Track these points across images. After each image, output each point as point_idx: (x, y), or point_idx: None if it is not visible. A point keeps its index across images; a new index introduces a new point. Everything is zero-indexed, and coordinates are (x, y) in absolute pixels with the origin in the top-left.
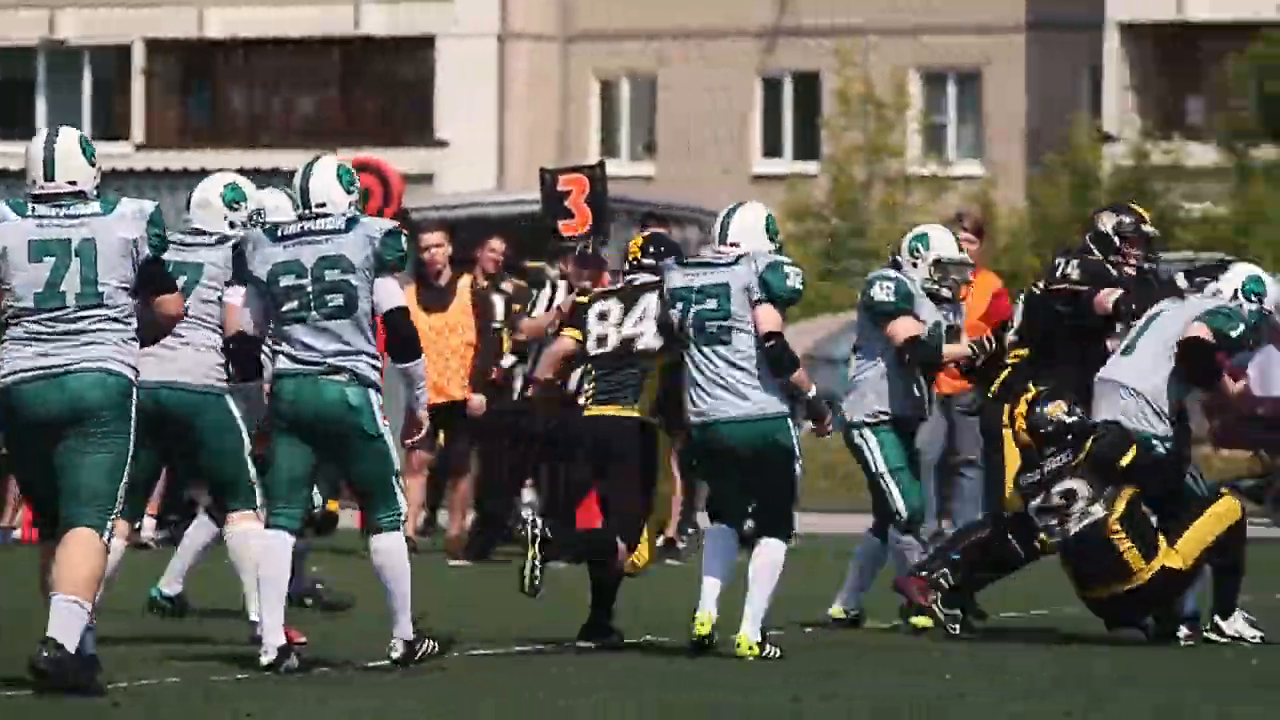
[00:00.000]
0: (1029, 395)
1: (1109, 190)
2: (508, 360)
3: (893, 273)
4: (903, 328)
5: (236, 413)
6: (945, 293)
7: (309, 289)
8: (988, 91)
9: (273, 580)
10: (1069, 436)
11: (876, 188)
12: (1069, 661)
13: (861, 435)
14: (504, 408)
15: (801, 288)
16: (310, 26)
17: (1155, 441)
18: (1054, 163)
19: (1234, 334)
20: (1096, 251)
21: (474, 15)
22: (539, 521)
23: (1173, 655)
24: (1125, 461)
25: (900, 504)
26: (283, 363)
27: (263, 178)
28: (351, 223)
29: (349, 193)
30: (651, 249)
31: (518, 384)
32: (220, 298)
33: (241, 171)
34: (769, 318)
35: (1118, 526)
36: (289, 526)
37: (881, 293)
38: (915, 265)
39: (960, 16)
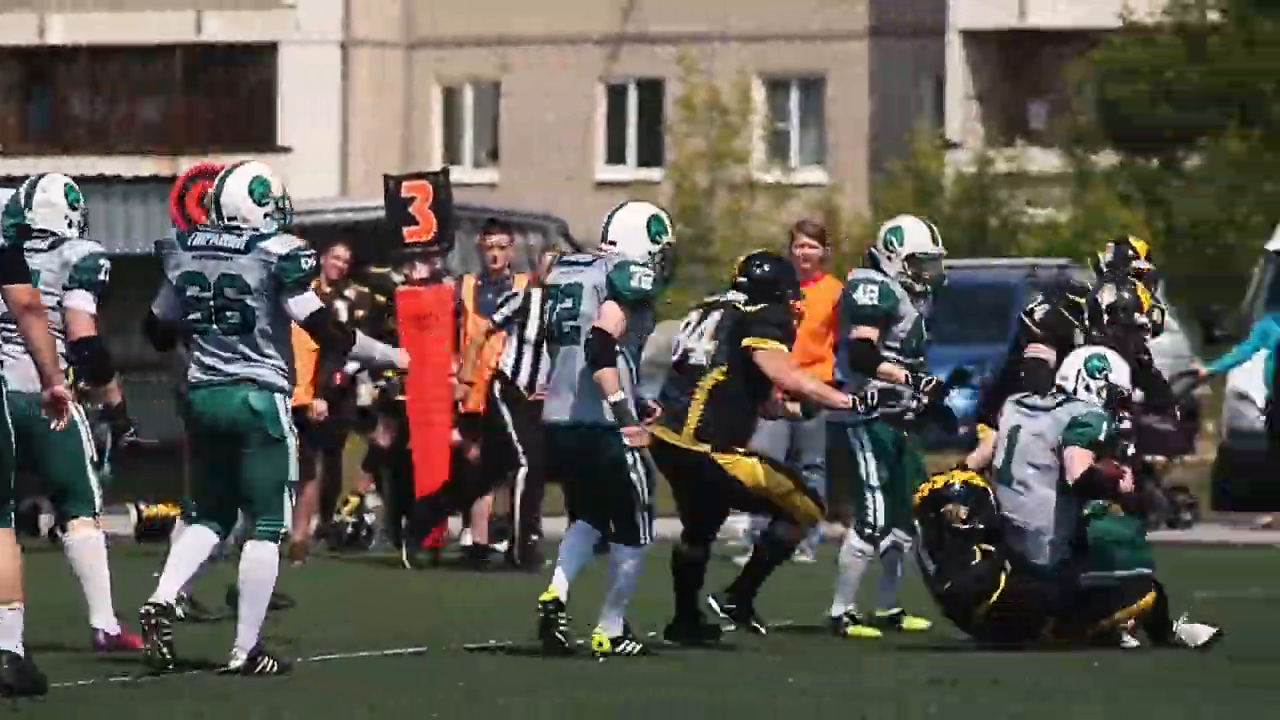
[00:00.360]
0: (951, 474)
1: (952, 198)
2: (351, 366)
3: (878, 276)
4: (862, 331)
5: (79, 418)
6: (918, 287)
7: (211, 303)
8: (831, 98)
9: (183, 558)
10: (946, 542)
11: (720, 194)
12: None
13: (857, 436)
14: (346, 415)
15: (648, 288)
16: (152, 33)
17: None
18: (897, 169)
19: (1104, 436)
20: (1087, 315)
21: (316, 22)
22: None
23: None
24: (981, 610)
25: (880, 518)
26: (194, 373)
27: (104, 185)
28: (252, 243)
29: (260, 204)
30: (759, 267)
31: (361, 389)
32: (59, 303)
33: (84, 179)
34: (604, 313)
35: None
36: (216, 530)
37: (865, 296)
38: (890, 259)
39: (803, 23)
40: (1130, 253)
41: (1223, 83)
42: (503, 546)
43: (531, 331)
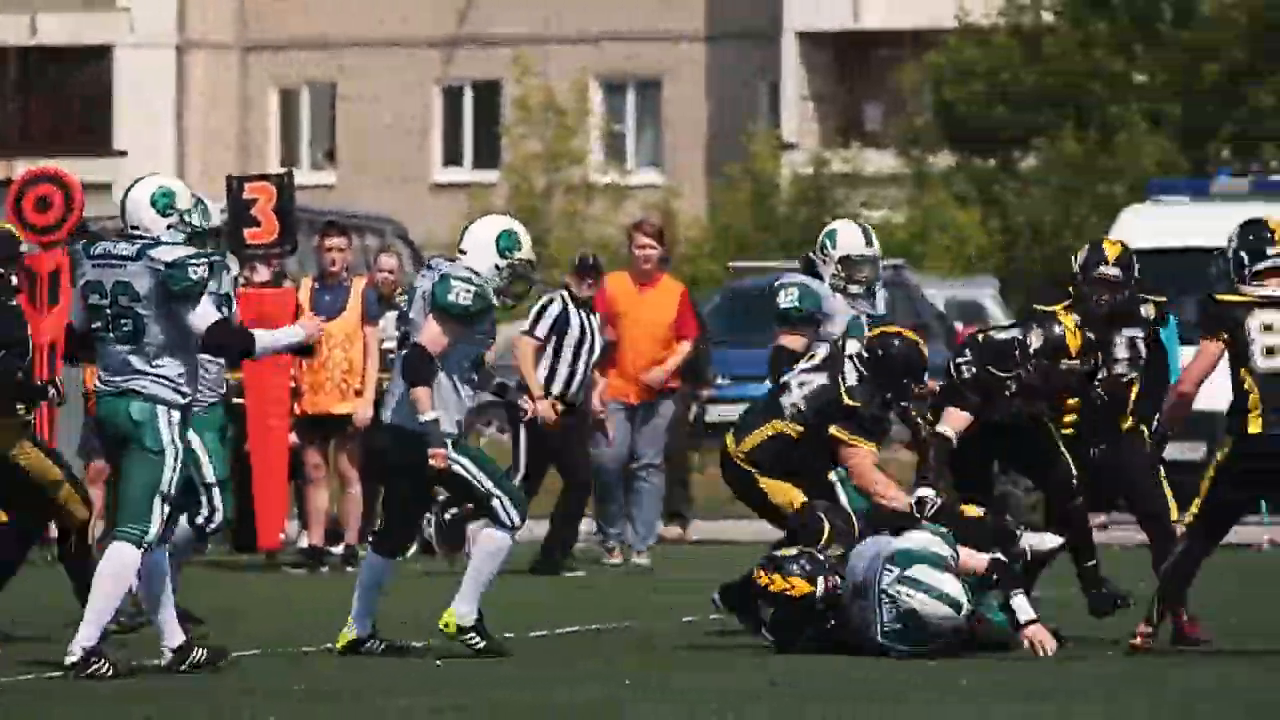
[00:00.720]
0: (781, 580)
1: (788, 198)
2: None
3: (800, 278)
4: (786, 339)
5: None
6: (853, 289)
7: (108, 311)
8: (668, 100)
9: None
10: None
11: (557, 196)
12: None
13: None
14: None
15: (467, 304)
16: None
17: None
18: (734, 171)
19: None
20: (1018, 355)
21: (151, 25)
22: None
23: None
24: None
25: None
26: (96, 381)
27: None
28: (143, 250)
29: (164, 215)
30: (887, 347)
31: None
32: None
33: None
34: (425, 327)
35: None
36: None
37: (785, 300)
38: (825, 263)
39: (640, 25)
40: (1101, 258)
41: (1058, 84)
42: (339, 549)
43: (570, 340)
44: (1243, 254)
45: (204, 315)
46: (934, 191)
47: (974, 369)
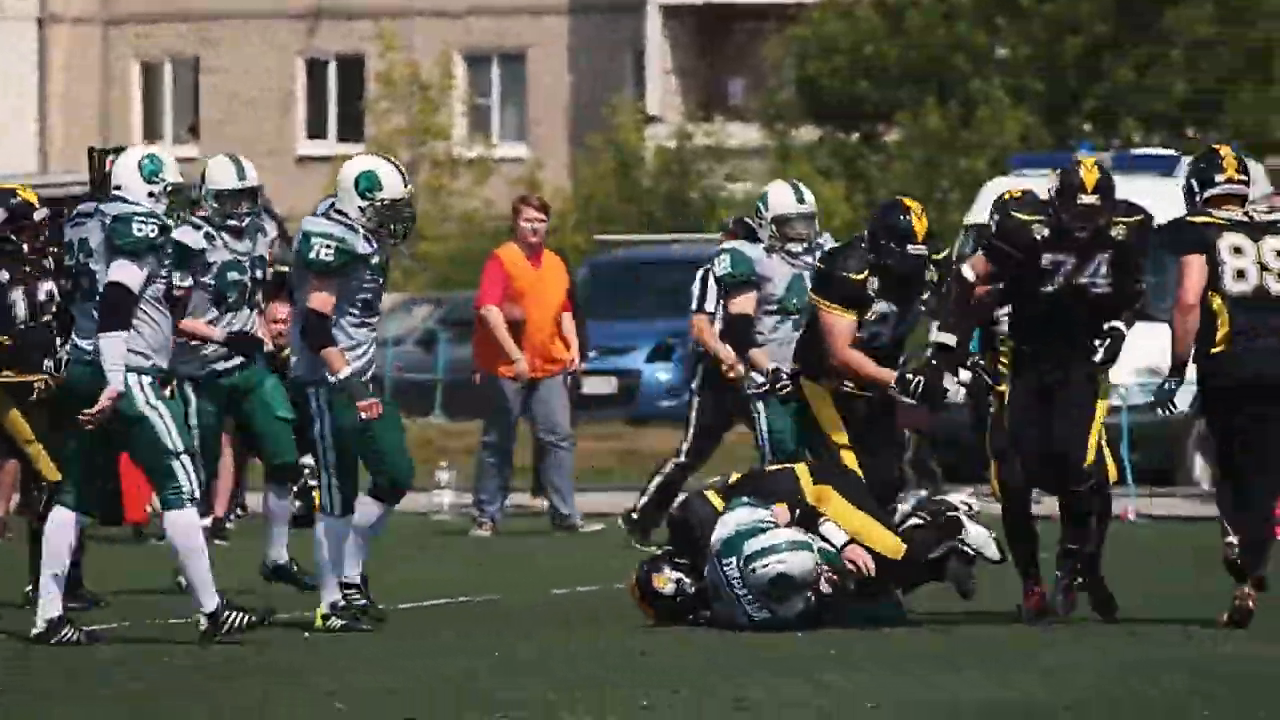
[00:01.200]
0: (662, 578)
1: (652, 171)
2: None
3: (731, 245)
4: (734, 304)
5: None
6: (792, 247)
7: (73, 270)
8: (532, 73)
9: (54, 554)
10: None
11: (422, 170)
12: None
13: (755, 408)
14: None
15: (329, 259)
16: None
17: None
18: (597, 143)
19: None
20: (1039, 202)
21: None
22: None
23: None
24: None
25: None
26: (69, 349)
27: None
28: (98, 207)
29: (149, 182)
30: (889, 216)
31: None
32: None
33: None
34: (309, 290)
35: None
36: (70, 505)
37: (719, 268)
38: (760, 226)
39: None
40: (1079, 185)
41: (921, 58)
42: (207, 521)
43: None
44: (1193, 181)
45: (119, 268)
46: (797, 165)
47: (999, 214)
